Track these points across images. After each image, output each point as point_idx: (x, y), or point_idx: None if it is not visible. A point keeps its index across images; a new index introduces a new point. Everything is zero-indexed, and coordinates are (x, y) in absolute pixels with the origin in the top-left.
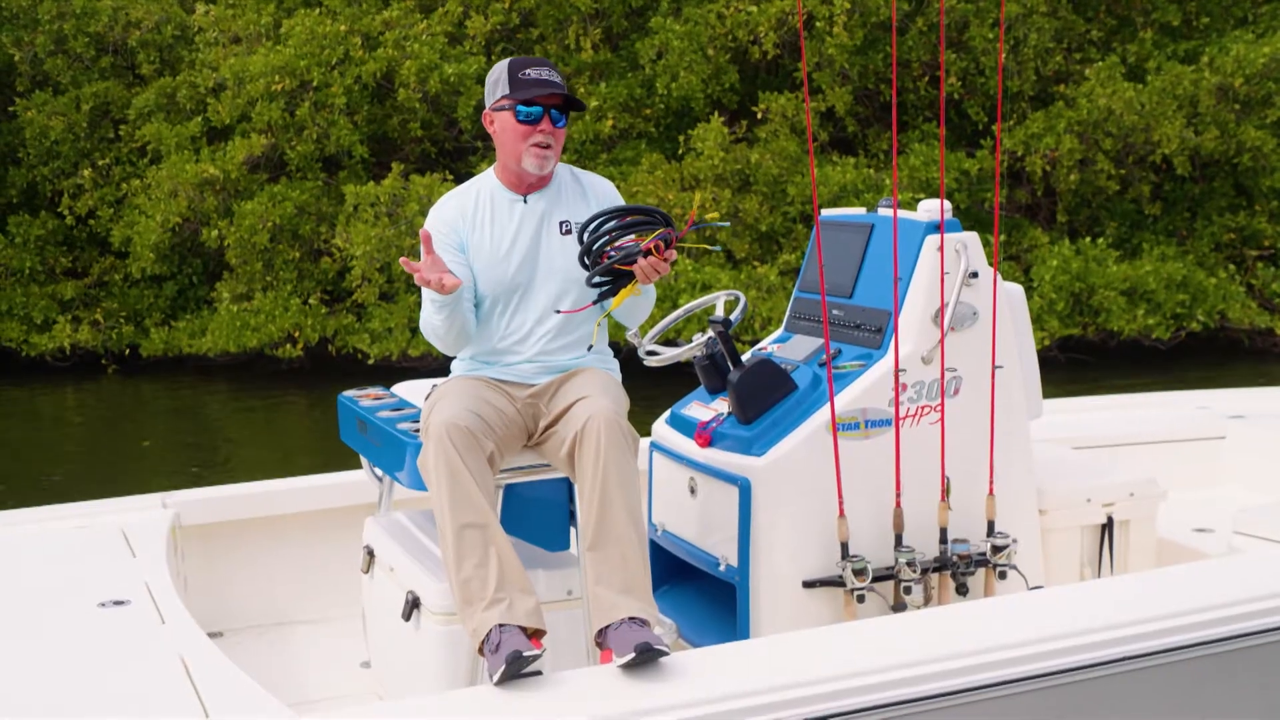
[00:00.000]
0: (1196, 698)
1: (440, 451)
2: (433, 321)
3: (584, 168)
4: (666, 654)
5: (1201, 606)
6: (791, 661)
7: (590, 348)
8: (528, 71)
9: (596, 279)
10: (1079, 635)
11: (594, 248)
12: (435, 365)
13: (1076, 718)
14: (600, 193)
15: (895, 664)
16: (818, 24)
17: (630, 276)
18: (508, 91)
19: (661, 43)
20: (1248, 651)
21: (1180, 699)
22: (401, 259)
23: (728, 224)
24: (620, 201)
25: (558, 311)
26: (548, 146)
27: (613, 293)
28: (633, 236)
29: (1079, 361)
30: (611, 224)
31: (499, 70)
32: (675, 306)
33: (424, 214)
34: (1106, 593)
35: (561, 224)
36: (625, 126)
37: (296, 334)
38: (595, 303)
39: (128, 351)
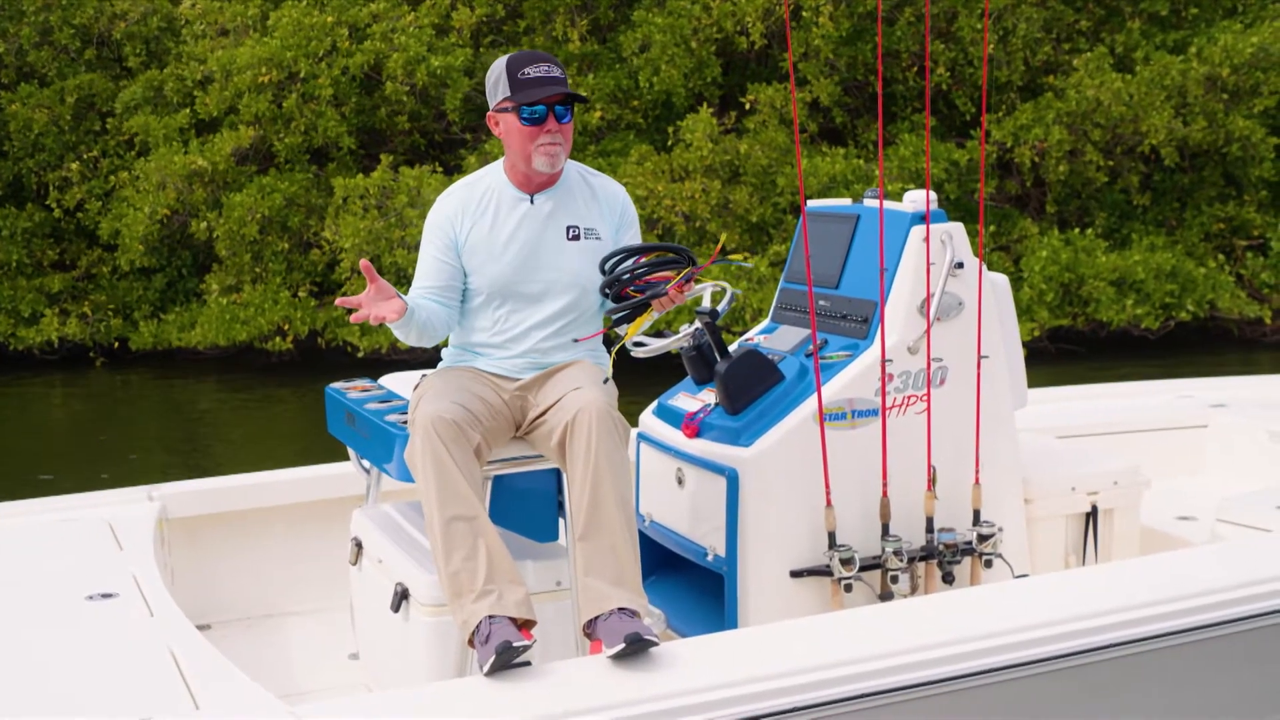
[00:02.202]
0: (1181, 683)
1: (427, 444)
2: (394, 333)
3: (573, 159)
4: (656, 644)
5: (1185, 594)
6: (779, 651)
7: (606, 380)
8: (527, 70)
9: (619, 312)
10: (1064, 623)
11: (617, 282)
12: (425, 358)
13: (1061, 705)
14: (610, 198)
15: (882, 653)
16: (804, 14)
17: (645, 306)
18: (509, 93)
19: (644, 35)
20: (1231, 638)
21: (1165, 685)
22: (339, 300)
23: (751, 265)
24: (629, 206)
25: (575, 340)
26: (557, 145)
27: (629, 320)
28: (662, 274)
29: (1069, 352)
30: (630, 261)
31: (497, 70)
32: None
33: (413, 206)
34: (1091, 581)
35: (569, 229)
36: (614, 118)
37: (286, 327)
38: (609, 329)
39: (116, 344)
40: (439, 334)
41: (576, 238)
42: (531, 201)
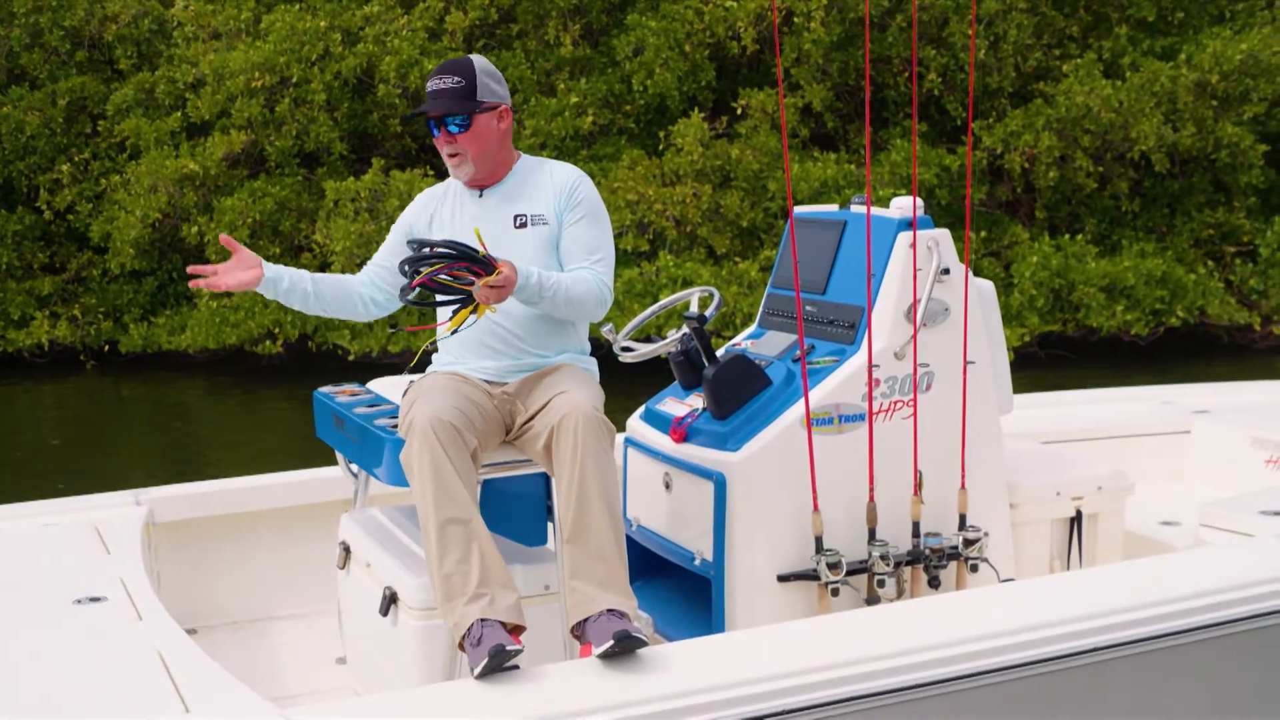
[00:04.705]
0: (1165, 688)
1: (425, 447)
2: (282, 301)
3: (563, 161)
4: (645, 643)
5: (1169, 598)
6: (767, 654)
7: (431, 346)
8: (428, 84)
9: (411, 297)
10: (1049, 627)
11: (408, 267)
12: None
13: (1047, 708)
14: (560, 180)
15: (869, 656)
16: (795, 19)
17: (470, 298)
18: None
19: (638, 39)
20: (1215, 642)
21: (1149, 690)
22: (190, 268)
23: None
24: (581, 189)
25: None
26: (455, 155)
27: (454, 313)
28: (443, 267)
29: (1059, 358)
30: (425, 251)
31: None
32: (655, 302)
33: (403, 209)
34: (1076, 585)
35: (516, 217)
36: (605, 122)
37: (276, 330)
38: (449, 320)
39: (106, 348)
40: (343, 306)
41: (524, 225)
42: (481, 195)
